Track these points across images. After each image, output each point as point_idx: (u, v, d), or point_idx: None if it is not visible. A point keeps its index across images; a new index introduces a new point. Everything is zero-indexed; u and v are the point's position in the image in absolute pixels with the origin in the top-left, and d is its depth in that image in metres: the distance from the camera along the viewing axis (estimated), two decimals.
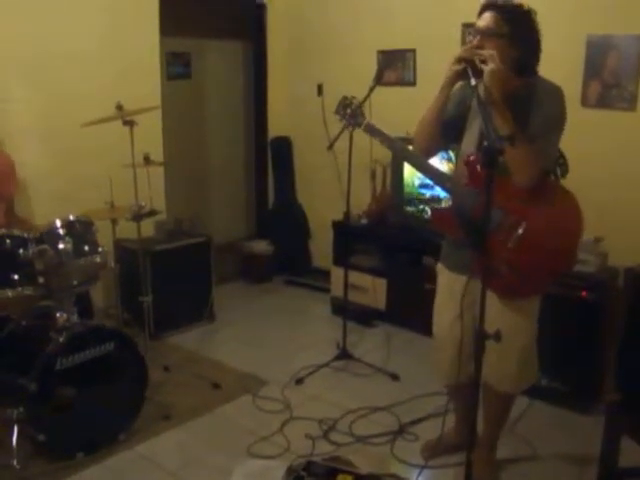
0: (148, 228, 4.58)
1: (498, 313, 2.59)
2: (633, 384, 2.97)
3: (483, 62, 2.41)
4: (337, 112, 3.28)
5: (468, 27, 4.64)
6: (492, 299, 2.47)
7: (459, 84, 2.64)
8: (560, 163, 3.39)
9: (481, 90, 2.42)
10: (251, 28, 6.15)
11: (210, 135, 6.59)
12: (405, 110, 4.84)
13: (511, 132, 2.35)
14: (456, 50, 4.56)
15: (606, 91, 4.07)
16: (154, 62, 5.09)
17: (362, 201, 5.18)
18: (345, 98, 3.21)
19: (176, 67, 6.29)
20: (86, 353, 3.07)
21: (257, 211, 6.52)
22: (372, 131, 2.97)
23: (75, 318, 3.21)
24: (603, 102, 4.09)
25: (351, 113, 3.17)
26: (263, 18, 6.00)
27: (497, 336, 2.24)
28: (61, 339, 3.01)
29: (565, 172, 3.41)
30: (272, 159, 6.25)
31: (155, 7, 4.98)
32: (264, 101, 6.20)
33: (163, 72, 5.33)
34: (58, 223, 3.20)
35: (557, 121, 2.52)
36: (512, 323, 2.64)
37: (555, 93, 2.54)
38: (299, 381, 4.01)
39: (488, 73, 2.37)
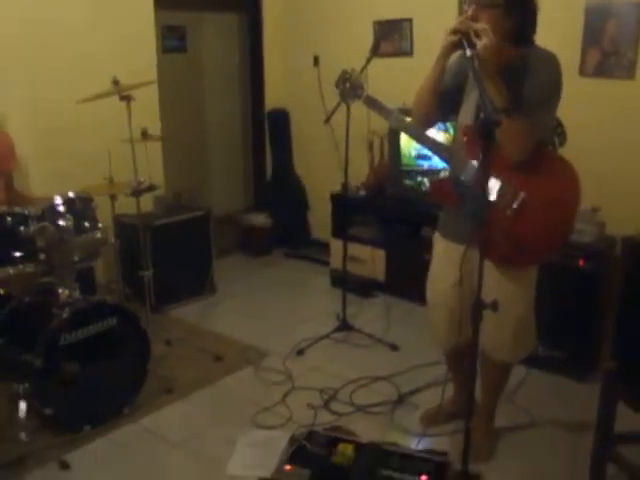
0: (147, 203, 4.59)
1: (495, 282, 2.61)
2: (630, 352, 3.01)
3: (477, 36, 2.40)
4: (337, 86, 3.26)
5: None
6: (489, 268, 2.50)
7: (456, 55, 2.63)
8: (558, 132, 3.40)
9: (476, 61, 2.42)
10: (246, 0, 6.10)
11: (207, 108, 6.56)
12: (402, 81, 4.83)
13: (505, 104, 2.36)
14: (453, 19, 4.59)
15: (605, 59, 4.06)
16: (149, 35, 5.07)
17: (360, 172, 5.19)
18: (345, 72, 3.19)
19: (171, 40, 6.24)
20: (89, 328, 3.11)
21: (255, 183, 6.52)
22: (371, 103, 2.96)
23: (77, 294, 3.24)
24: (602, 71, 4.07)
25: (350, 86, 3.16)
26: None
27: (494, 306, 2.27)
28: (64, 315, 3.05)
29: (563, 141, 3.43)
30: (269, 131, 6.24)
31: None
32: (260, 73, 6.17)
33: (159, 45, 5.30)
34: (58, 200, 3.21)
35: (553, 90, 2.52)
36: (509, 292, 2.67)
37: (550, 61, 2.53)
38: (300, 352, 4.06)
39: (482, 48, 2.37)
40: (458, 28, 2.48)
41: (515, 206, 2.56)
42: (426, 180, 4.69)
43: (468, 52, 2.37)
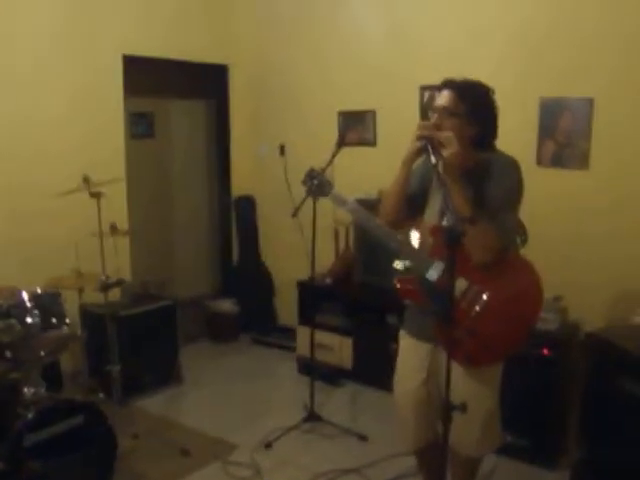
0: (114, 292, 4.57)
1: (461, 380, 2.62)
2: (595, 446, 3.07)
3: (442, 145, 2.50)
4: (304, 183, 3.33)
5: (426, 89, 4.82)
6: (455, 367, 2.52)
7: (421, 158, 2.73)
8: (520, 233, 3.50)
9: (441, 167, 2.52)
10: (214, 88, 6.26)
11: (174, 194, 6.63)
12: (366, 170, 5.03)
13: (469, 212, 2.44)
14: (415, 111, 4.81)
15: (560, 150, 4.24)
16: (118, 125, 5.16)
17: (326, 260, 5.24)
18: (312, 170, 3.27)
19: (139, 126, 6.35)
20: (55, 428, 3.05)
21: (222, 269, 6.55)
22: (338, 201, 3.02)
23: (43, 392, 3.19)
24: (557, 161, 4.25)
25: (318, 184, 3.23)
26: (225, 79, 6.12)
27: (463, 407, 2.30)
28: (29, 415, 2.99)
29: (525, 241, 3.52)
30: (236, 218, 6.30)
31: (119, 72, 5.07)
32: (227, 160, 6.29)
33: (127, 131, 5.40)
34: (25, 296, 3.20)
35: (515, 193, 2.60)
36: (475, 391, 2.69)
37: (511, 166, 2.62)
38: (268, 445, 4.00)
39: (448, 156, 2.47)
40: (423, 135, 2.58)
41: (479, 306, 2.61)
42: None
43: (433, 159, 2.47)
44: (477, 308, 2.61)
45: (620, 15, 3.92)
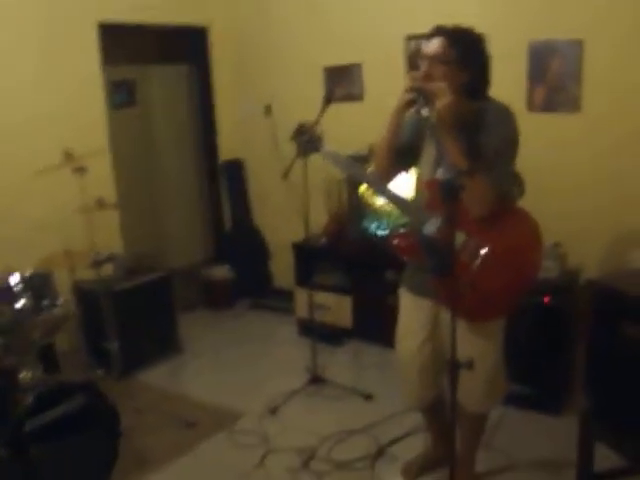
0: (107, 267, 4.48)
1: (464, 337, 2.57)
2: (602, 393, 3.06)
3: (434, 95, 2.41)
4: (293, 139, 3.26)
5: (411, 39, 4.70)
6: (457, 323, 2.46)
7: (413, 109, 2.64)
8: (517, 184, 3.42)
9: (434, 119, 2.43)
10: (194, 52, 6.10)
11: (160, 162, 6.50)
12: (355, 125, 4.92)
13: (465, 165, 2.36)
14: (401, 63, 4.69)
15: (551, 95, 4.14)
16: (98, 95, 5.04)
17: (320, 220, 5.16)
18: (301, 125, 3.19)
19: (120, 95, 6.20)
20: (55, 411, 2.99)
21: (214, 236, 6.47)
22: (330, 157, 2.95)
23: (40, 374, 3.14)
24: (549, 106, 4.16)
25: (308, 140, 3.15)
26: (205, 41, 5.96)
27: (469, 364, 2.25)
28: (28, 400, 2.93)
29: (522, 192, 3.45)
30: (225, 182, 6.20)
31: (94, 39, 4.93)
32: (213, 124, 6.16)
33: (108, 101, 5.26)
34: (15, 278, 3.13)
35: (510, 143, 2.53)
36: (479, 346, 2.66)
37: (506, 115, 2.54)
38: (273, 410, 3.98)
39: (440, 107, 2.38)
40: (413, 86, 2.49)
41: (479, 259, 2.55)
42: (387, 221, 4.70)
43: (424, 112, 2.39)
44: (477, 261, 2.56)
45: None
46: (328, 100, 3.88)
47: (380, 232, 4.74)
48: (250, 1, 5.78)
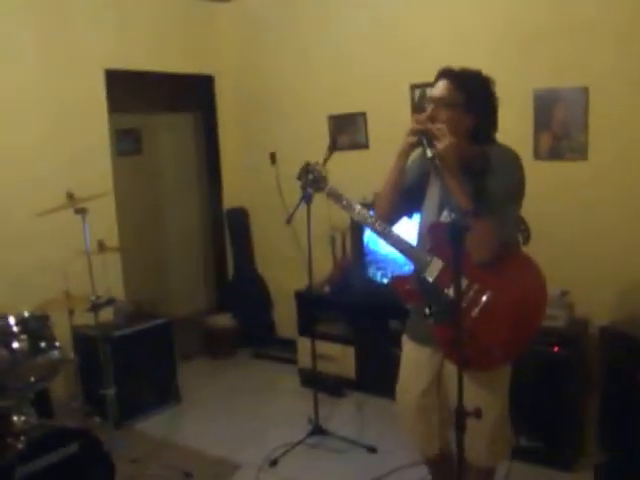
0: (107, 312, 4.43)
1: (467, 387, 2.43)
2: (617, 447, 2.94)
3: (435, 137, 2.38)
4: (299, 178, 3.22)
5: (416, 87, 4.72)
6: (456, 373, 2.36)
7: (417, 152, 2.61)
8: (522, 229, 3.38)
9: (437, 161, 2.40)
10: (201, 100, 6.15)
11: (165, 210, 6.53)
12: (360, 173, 4.91)
13: (470, 207, 2.31)
14: (406, 112, 4.70)
15: (557, 142, 4.13)
16: (104, 142, 5.04)
17: (323, 269, 5.12)
18: (307, 164, 3.16)
19: (126, 143, 6.25)
20: (47, 458, 2.89)
21: (217, 284, 6.42)
22: (334, 196, 2.90)
23: (34, 420, 3.04)
24: (555, 154, 4.14)
25: (313, 178, 3.11)
26: (212, 90, 6.01)
27: (477, 413, 2.16)
28: (19, 445, 2.84)
29: (527, 239, 3.40)
30: (229, 231, 6.17)
31: (101, 86, 4.96)
32: (218, 172, 6.16)
33: (113, 149, 5.27)
34: (12, 320, 3.06)
35: (516, 188, 2.47)
36: (482, 397, 2.52)
37: (512, 159, 2.49)
38: (273, 462, 3.86)
39: (441, 150, 2.35)
40: (417, 129, 2.46)
41: (480, 306, 2.48)
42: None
43: (429, 153, 2.35)
44: (477, 309, 2.48)
45: (612, 3, 3.83)
46: (332, 148, 3.88)
47: (384, 279, 4.68)
48: (256, 51, 5.83)
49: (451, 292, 2.44)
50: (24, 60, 4.47)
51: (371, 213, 2.78)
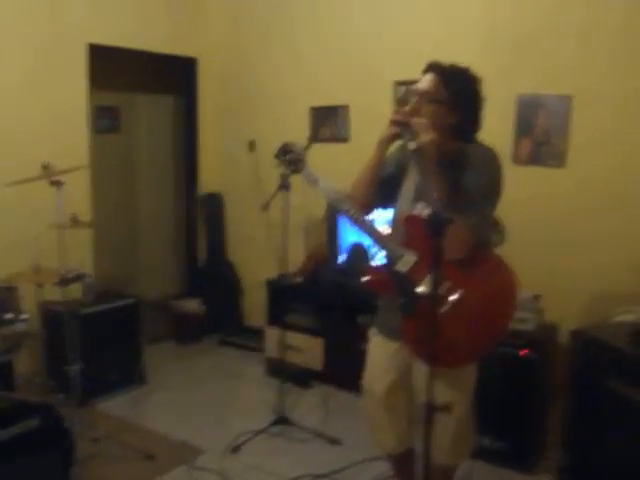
0: (75, 289, 4.36)
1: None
2: (582, 450, 2.96)
3: (417, 132, 2.37)
4: (277, 157, 3.19)
5: (401, 84, 4.72)
6: (424, 370, 2.34)
7: (397, 143, 2.60)
8: (497, 230, 3.38)
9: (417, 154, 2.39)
10: (182, 83, 6.10)
11: (140, 191, 6.46)
12: (340, 166, 4.84)
13: (445, 201, 2.30)
14: (388, 106, 4.69)
15: (537, 148, 4.16)
16: (81, 116, 4.97)
17: (296, 259, 5.09)
18: (286, 144, 3.13)
19: (104, 121, 6.16)
20: (7, 431, 2.85)
21: (188, 269, 6.37)
22: (310, 179, 2.87)
23: None
24: (534, 159, 4.18)
25: (291, 159, 3.09)
26: (195, 73, 5.95)
27: (446, 408, 2.17)
28: None
29: (502, 240, 3.41)
30: (203, 215, 6.13)
31: (83, 61, 4.89)
32: (195, 157, 6.11)
33: (91, 126, 5.19)
34: None
35: (492, 188, 2.45)
36: (447, 394, 2.52)
37: (490, 159, 2.47)
38: (236, 449, 3.84)
39: (421, 144, 2.34)
40: (398, 120, 2.45)
41: (450, 303, 2.47)
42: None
43: (412, 145, 2.34)
44: (447, 306, 2.47)
45: (600, 13, 3.87)
46: (312, 138, 3.86)
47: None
48: (242, 36, 5.80)
49: (422, 286, 2.45)
50: (4, 21, 4.39)
51: (346, 200, 2.75)
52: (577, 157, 4.01)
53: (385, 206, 2.82)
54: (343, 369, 4.70)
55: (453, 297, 2.45)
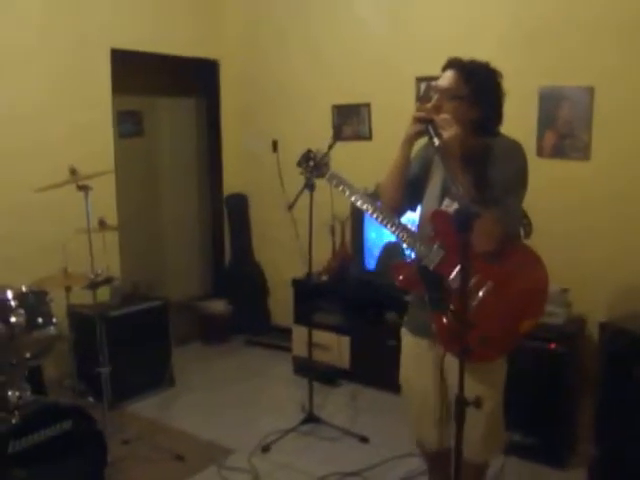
0: (103, 292, 4.41)
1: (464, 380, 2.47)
2: (613, 443, 2.93)
3: (440, 127, 2.36)
4: (299, 164, 3.21)
5: (422, 80, 4.70)
6: (455, 366, 2.34)
7: (423, 142, 2.59)
8: (524, 223, 3.36)
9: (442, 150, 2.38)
10: (204, 85, 6.12)
11: (164, 194, 6.50)
12: (362, 164, 4.88)
13: (472, 196, 2.29)
14: (410, 103, 4.68)
15: (560, 141, 4.12)
16: (106, 121, 5.02)
17: (321, 258, 5.09)
18: (309, 151, 3.15)
19: (127, 125, 6.21)
20: (41, 433, 2.88)
21: (214, 270, 6.40)
22: (336, 181, 2.86)
23: (28, 395, 3.02)
24: (558, 152, 4.14)
25: (314, 165, 3.10)
26: (216, 75, 5.98)
27: (477, 402, 2.15)
28: (13, 420, 2.82)
29: (529, 232, 3.38)
30: (228, 217, 6.16)
31: (106, 65, 4.93)
32: (219, 158, 6.14)
33: (115, 130, 5.24)
34: (9, 294, 3.04)
35: (517, 180, 2.45)
36: (479, 389, 2.50)
37: (515, 150, 2.48)
38: (266, 448, 3.85)
39: (446, 140, 2.33)
40: (421, 117, 2.44)
41: (481, 296, 2.46)
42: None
43: (436, 141, 2.33)
44: (477, 299, 2.46)
45: (618, 2, 3.82)
46: (336, 137, 3.87)
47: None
48: (262, 37, 5.81)
49: (452, 281, 2.44)
50: (31, 31, 4.44)
51: (372, 200, 2.75)
52: (601, 148, 3.97)
53: (414, 208, 2.81)
54: (370, 367, 4.71)
55: (483, 290, 2.44)
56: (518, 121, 3.91)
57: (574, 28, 4.00)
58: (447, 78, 2.50)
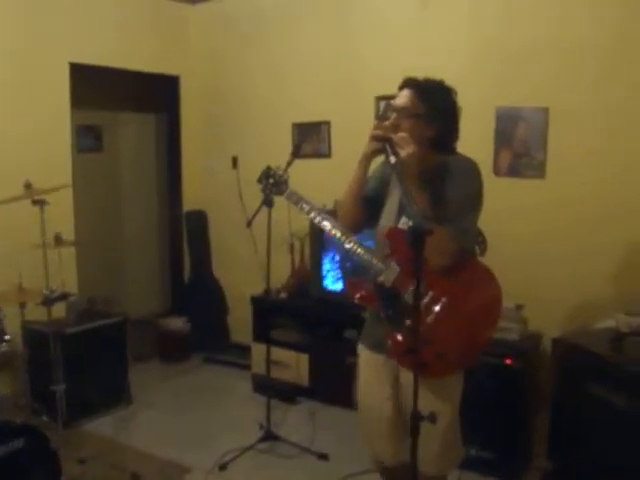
0: (59, 308, 4.34)
1: (420, 394, 2.47)
2: (566, 456, 2.98)
3: (398, 146, 2.40)
4: (259, 181, 3.23)
5: (381, 99, 4.75)
6: (411, 379, 2.36)
7: (380, 160, 2.62)
8: (479, 241, 3.41)
9: (399, 168, 2.41)
10: (164, 100, 6.11)
11: (124, 209, 6.45)
12: (322, 181, 4.90)
13: (428, 213, 2.33)
14: (370, 122, 4.70)
15: (516, 160, 4.20)
16: (64, 135, 4.98)
17: (280, 275, 5.10)
18: (269, 168, 3.17)
19: (87, 140, 6.16)
20: None
21: (173, 286, 6.35)
22: (294, 199, 2.89)
23: None
24: (514, 171, 4.22)
25: (274, 182, 3.12)
26: (177, 91, 5.97)
27: (432, 417, 2.17)
28: None
29: (484, 250, 3.44)
30: (187, 233, 6.12)
31: (65, 79, 4.89)
32: (178, 174, 6.11)
33: (74, 145, 5.19)
34: None
35: (473, 198, 2.49)
36: (434, 404, 2.52)
37: (471, 169, 2.51)
38: (223, 467, 3.82)
39: (403, 157, 2.36)
40: (379, 135, 2.47)
41: (435, 312, 2.49)
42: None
43: (392, 159, 2.36)
44: (433, 315, 2.49)
45: (591, 33, 3.90)
46: (295, 154, 3.89)
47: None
48: (223, 55, 5.83)
49: (408, 297, 2.46)
50: None
51: (330, 217, 2.76)
52: (556, 169, 4.06)
53: (372, 225, 2.83)
54: (329, 384, 4.71)
55: (438, 306, 2.47)
56: (475, 140, 3.97)
57: (541, 54, 4.07)
58: (403, 97, 2.54)
